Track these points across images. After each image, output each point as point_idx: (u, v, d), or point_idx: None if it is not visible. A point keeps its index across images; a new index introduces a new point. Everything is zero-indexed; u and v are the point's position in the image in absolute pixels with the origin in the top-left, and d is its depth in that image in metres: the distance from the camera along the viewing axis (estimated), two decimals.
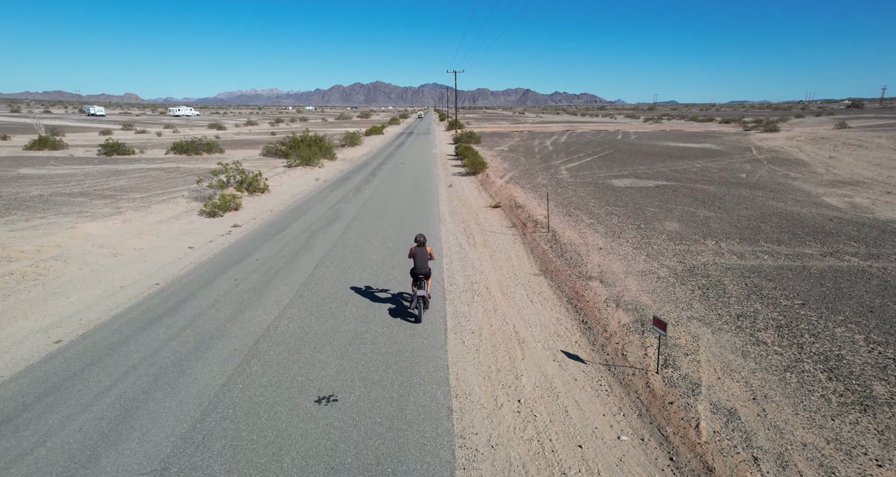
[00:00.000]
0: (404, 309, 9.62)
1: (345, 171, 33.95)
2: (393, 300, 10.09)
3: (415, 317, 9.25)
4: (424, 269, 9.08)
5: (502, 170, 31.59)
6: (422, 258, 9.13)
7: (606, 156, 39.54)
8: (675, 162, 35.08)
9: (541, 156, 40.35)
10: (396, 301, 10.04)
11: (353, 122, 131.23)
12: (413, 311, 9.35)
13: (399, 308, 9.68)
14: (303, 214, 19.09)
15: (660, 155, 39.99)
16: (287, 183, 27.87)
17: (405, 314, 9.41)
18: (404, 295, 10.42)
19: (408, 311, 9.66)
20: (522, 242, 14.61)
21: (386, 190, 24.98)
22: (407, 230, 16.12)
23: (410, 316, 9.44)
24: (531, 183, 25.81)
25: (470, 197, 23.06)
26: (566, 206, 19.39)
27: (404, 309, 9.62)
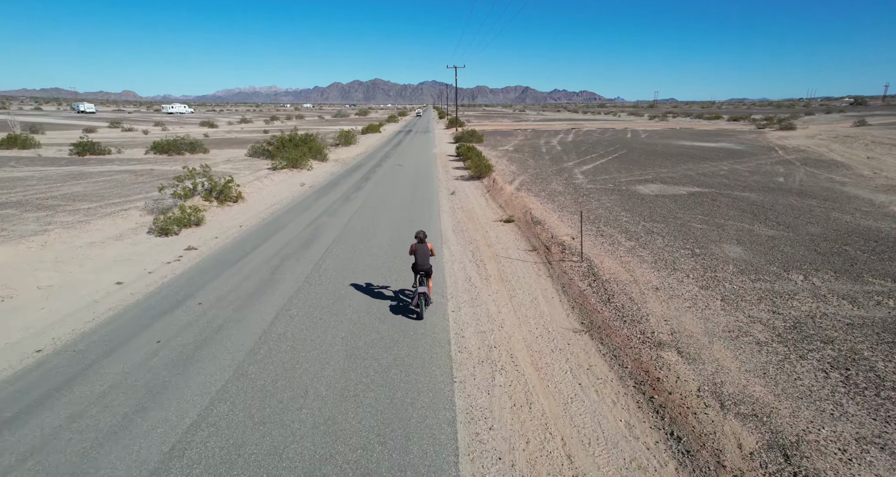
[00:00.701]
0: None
1: (335, 174, 30.66)
2: (395, 385, 6.82)
3: (417, 314, 9.23)
4: (426, 266, 9.11)
5: (510, 173, 28.32)
6: (423, 255, 9.12)
7: (622, 157, 36.27)
8: (699, 164, 31.83)
9: (550, 157, 37.06)
10: (399, 385, 6.78)
11: (350, 119, 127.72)
12: (415, 308, 9.39)
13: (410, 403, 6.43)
14: (276, 231, 15.81)
15: (679, 156, 36.74)
16: (267, 189, 24.57)
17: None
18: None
19: (409, 307, 9.60)
20: (549, 275, 11.36)
21: (379, 198, 21.70)
22: (402, 256, 12.89)
23: (412, 313, 9.35)
24: (546, 190, 22.53)
25: (476, 208, 19.79)
26: (594, 221, 16.12)
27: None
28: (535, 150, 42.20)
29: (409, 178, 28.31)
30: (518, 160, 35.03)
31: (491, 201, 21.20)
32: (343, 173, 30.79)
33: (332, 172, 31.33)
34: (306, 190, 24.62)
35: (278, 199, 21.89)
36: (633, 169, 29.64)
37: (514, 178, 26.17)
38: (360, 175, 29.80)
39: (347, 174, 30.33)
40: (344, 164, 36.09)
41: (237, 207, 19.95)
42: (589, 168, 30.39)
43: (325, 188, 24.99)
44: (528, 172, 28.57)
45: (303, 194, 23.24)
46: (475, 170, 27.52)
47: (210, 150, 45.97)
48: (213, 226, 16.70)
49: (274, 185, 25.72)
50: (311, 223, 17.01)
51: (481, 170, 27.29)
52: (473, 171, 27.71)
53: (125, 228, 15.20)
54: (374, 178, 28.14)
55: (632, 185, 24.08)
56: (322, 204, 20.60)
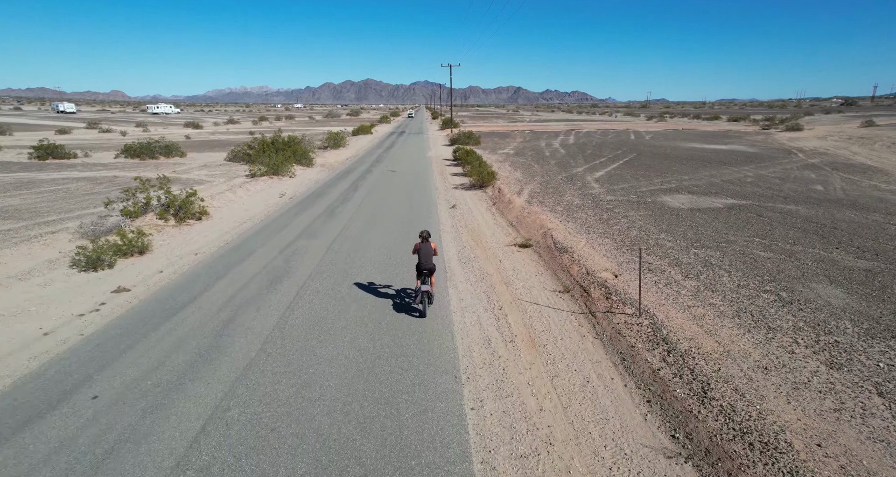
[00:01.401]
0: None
1: (321, 181, 27.46)
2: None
3: (419, 311, 9.25)
4: (429, 265, 9.04)
5: (515, 181, 25.32)
6: (426, 254, 9.11)
7: (633, 161, 33.41)
8: (719, 169, 29.04)
9: (556, 161, 34.11)
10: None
11: (341, 120, 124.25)
12: (417, 306, 9.41)
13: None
14: (240, 262, 12.64)
15: (694, 160, 33.97)
16: (240, 202, 21.34)
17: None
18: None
19: (412, 306, 9.58)
20: (597, 336, 8.33)
21: (369, 213, 18.58)
22: (400, 304, 9.83)
23: (415, 311, 9.37)
24: (561, 203, 19.53)
25: (483, 226, 16.73)
26: (631, 246, 13.13)
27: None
28: (537, 154, 39.25)
29: (403, 186, 25.20)
30: (522, 165, 32.03)
31: (499, 217, 18.14)
32: (329, 181, 27.60)
33: (317, 180, 28.13)
34: (285, 202, 21.42)
35: (251, 215, 18.68)
36: (650, 176, 26.75)
37: (522, 188, 23.15)
38: (348, 183, 26.63)
39: (334, 182, 27.15)
40: (331, 170, 32.89)
41: (199, 227, 16.72)
42: (602, 175, 27.46)
43: (308, 200, 21.79)
44: (536, 180, 25.56)
45: (281, 208, 20.04)
46: (477, 178, 24.46)
47: (188, 153, 42.61)
48: (161, 253, 13.47)
49: (249, 197, 22.49)
50: (284, 248, 13.84)
51: (484, 178, 24.25)
52: (475, 179, 24.66)
53: (41, 260, 11.95)
54: (364, 187, 24.99)
55: (656, 195, 21.16)
56: (302, 221, 17.43)
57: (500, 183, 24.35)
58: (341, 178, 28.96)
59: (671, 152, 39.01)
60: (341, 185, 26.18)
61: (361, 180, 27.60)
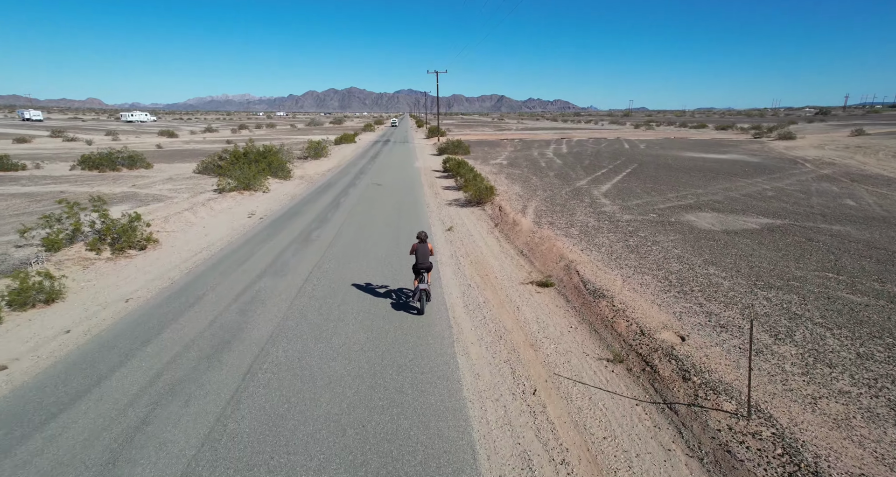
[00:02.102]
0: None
1: (298, 197, 24.46)
2: None
3: (417, 309, 9.62)
4: (426, 263, 9.45)
5: (516, 197, 22.69)
6: (423, 254, 9.50)
7: (637, 172, 31.14)
8: (732, 181, 26.88)
9: (554, 173, 31.65)
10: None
11: (324, 128, 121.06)
12: (415, 304, 9.81)
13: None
14: (180, 314, 9.64)
15: (699, 170, 31.87)
16: (200, 224, 18.25)
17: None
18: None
19: (410, 304, 9.94)
20: (691, 454, 5.59)
21: (351, 238, 15.70)
22: (398, 387, 7.00)
23: (413, 308, 9.71)
24: (574, 224, 16.91)
25: (488, 255, 13.98)
26: (681, 286, 10.51)
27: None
28: (532, 164, 36.82)
29: (391, 203, 22.36)
30: (519, 178, 29.48)
31: (505, 243, 15.41)
32: (308, 196, 24.61)
33: (293, 195, 25.11)
34: (254, 224, 18.39)
35: (210, 242, 15.62)
36: (661, 189, 24.40)
37: (526, 205, 20.51)
38: (328, 199, 23.68)
39: (313, 198, 24.17)
40: (311, 183, 29.90)
41: (141, 259, 13.62)
42: (608, 188, 25.02)
43: (281, 220, 18.80)
44: (539, 196, 22.97)
45: (248, 231, 17.02)
46: (474, 193, 21.75)
47: (155, 164, 39.23)
48: (79, 301, 10.38)
49: (212, 218, 19.39)
50: (243, 292, 10.88)
51: (482, 194, 21.56)
52: (472, 195, 21.94)
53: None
54: (347, 204, 22.08)
55: (678, 213, 18.71)
56: (270, 250, 14.45)
57: (499, 199, 21.69)
58: (321, 192, 26.00)
59: (673, 162, 36.96)
60: (321, 201, 23.22)
61: (344, 195, 24.68)
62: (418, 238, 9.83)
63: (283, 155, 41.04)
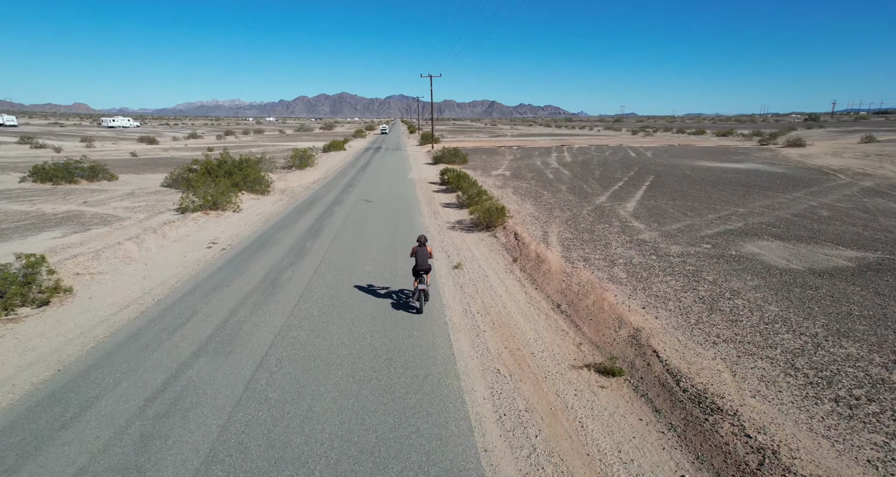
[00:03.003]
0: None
1: (274, 218, 20.81)
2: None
3: (416, 308, 10.04)
4: (425, 265, 9.93)
5: (530, 218, 19.26)
6: (422, 256, 9.95)
7: (657, 186, 27.89)
8: (769, 197, 23.70)
9: (566, 186, 28.31)
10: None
11: (314, 134, 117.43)
12: (415, 304, 10.26)
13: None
14: (53, 436, 6.06)
15: (726, 183, 28.72)
16: (143, 261, 14.53)
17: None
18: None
19: (409, 304, 10.39)
20: None
21: (331, 282, 12.11)
22: None
23: (412, 308, 10.18)
24: (615, 260, 13.45)
25: (514, 310, 10.47)
26: (828, 386, 7.06)
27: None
28: (538, 176, 33.48)
29: (382, 225, 18.78)
30: (528, 192, 26.08)
31: (532, 289, 11.89)
32: (285, 217, 20.95)
33: (269, 216, 21.44)
34: (211, 260, 14.71)
35: (143, 291, 11.93)
36: (697, 208, 21.11)
37: (545, 231, 17.06)
38: (308, 221, 20.04)
39: (291, 219, 20.52)
40: (292, 199, 26.24)
41: (32, 324, 9.89)
42: (634, 206, 21.68)
43: (247, 253, 15.14)
44: (557, 217, 19.54)
45: (199, 273, 13.34)
46: (482, 215, 18.25)
47: (122, 175, 35.39)
48: None
49: (160, 250, 15.67)
50: (165, 387, 7.28)
51: (491, 216, 18.07)
52: (479, 217, 18.44)
53: None
54: (330, 229, 18.47)
55: (733, 242, 15.36)
56: (221, 304, 10.82)
57: (513, 222, 18.23)
58: (302, 211, 22.36)
59: (691, 173, 33.82)
60: (300, 224, 19.58)
61: (327, 216, 21.06)
62: (418, 241, 10.34)
63: (264, 165, 37.38)
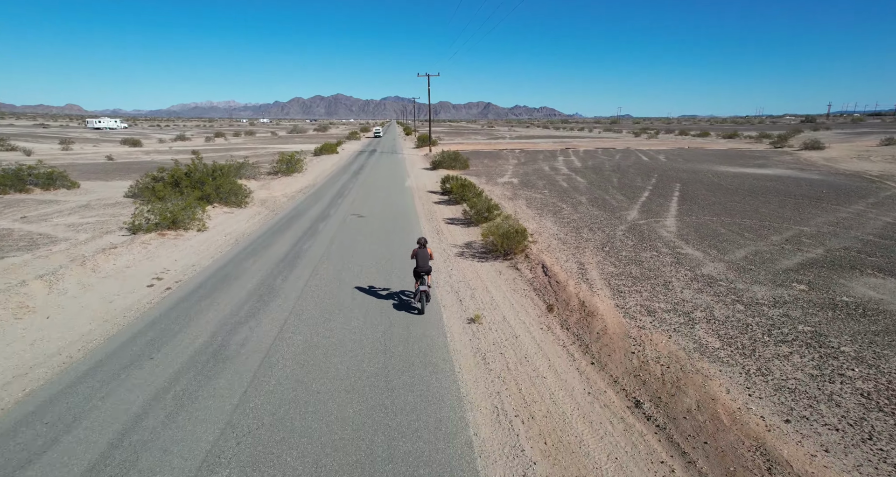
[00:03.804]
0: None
1: (244, 240, 17.19)
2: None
3: (418, 309, 10.13)
4: (426, 267, 10.00)
5: (556, 241, 15.76)
6: (423, 258, 10.01)
7: (690, 197, 24.48)
8: (827, 211, 20.34)
9: (586, 198, 24.84)
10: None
11: (307, 136, 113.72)
12: (416, 304, 10.36)
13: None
14: None
15: (765, 193, 25.36)
16: (53, 306, 10.86)
17: None
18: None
19: (411, 305, 10.46)
20: None
21: (299, 352, 8.55)
22: None
23: (414, 309, 10.26)
24: (694, 314, 9.94)
25: (567, 406, 6.94)
26: None
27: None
28: (550, 184, 30.01)
29: (375, 253, 15.19)
30: (544, 205, 22.58)
31: (589, 367, 8.33)
32: (258, 239, 17.32)
33: (240, 237, 17.83)
34: (147, 306, 11.09)
35: (19, 371, 8.32)
36: (749, 225, 17.68)
37: (579, 260, 13.54)
38: (285, 245, 16.42)
39: (264, 242, 16.89)
40: (271, 213, 22.62)
41: None
42: (675, 224, 18.23)
43: (194, 298, 11.52)
44: (588, 239, 16.03)
45: (120, 332, 9.70)
46: (500, 240, 14.67)
47: (87, 183, 31.73)
48: None
49: (82, 291, 12.01)
50: None
51: (510, 241, 14.52)
52: (495, 241, 14.87)
53: None
54: (309, 257, 14.86)
55: (832, 280, 11.90)
56: (131, 397, 7.24)
57: (537, 247, 14.70)
58: (281, 230, 18.76)
59: (719, 180, 30.46)
60: (275, 248, 15.97)
61: (310, 238, 17.47)
62: (418, 243, 10.38)
63: (246, 171, 33.73)
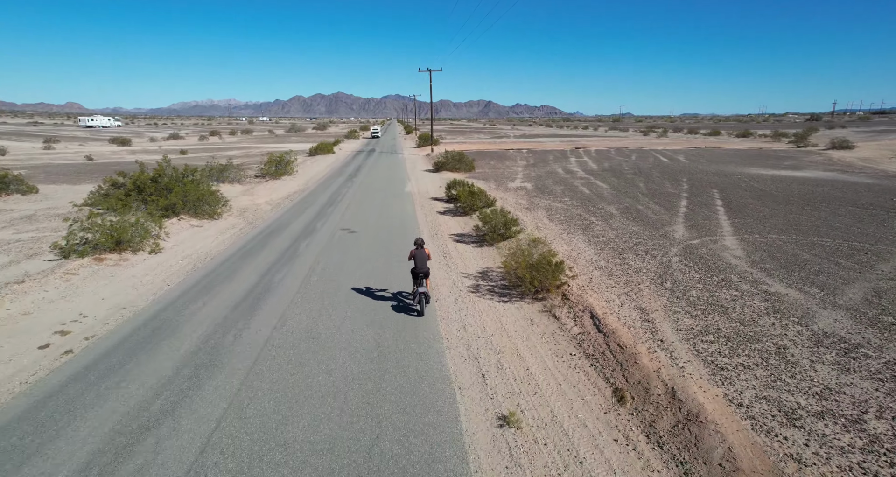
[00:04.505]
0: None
1: (203, 266, 13.69)
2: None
3: (417, 311, 9.92)
4: (424, 268, 9.72)
5: (597, 272, 12.28)
6: (421, 259, 9.71)
7: (737, 208, 20.97)
8: None
9: (616, 207, 21.33)
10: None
11: (305, 135, 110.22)
12: (416, 306, 10.06)
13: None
14: None
15: (823, 201, 21.82)
16: None
17: None
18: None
19: (410, 307, 10.23)
20: None
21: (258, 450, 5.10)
22: None
23: (413, 310, 10.05)
24: (866, 422, 6.53)
25: None
26: None
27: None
28: (570, 190, 26.50)
29: (364, 288, 11.67)
30: (568, 217, 19.10)
31: None
32: (221, 265, 13.80)
33: (198, 261, 14.32)
34: (29, 380, 7.62)
35: None
36: (842, 249, 14.18)
37: (637, 304, 10.07)
38: (254, 274, 12.88)
39: (229, 269, 13.37)
40: (248, 226, 19.17)
41: None
42: (741, 247, 14.71)
43: (100, 370, 8.01)
44: (637, 268, 12.52)
45: None
46: (529, 276, 11.13)
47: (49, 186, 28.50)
48: None
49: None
50: None
51: (542, 274, 11.01)
52: (524, 276, 11.35)
53: None
54: (278, 295, 11.34)
55: None
56: None
57: (577, 283, 11.21)
58: (252, 251, 15.27)
59: (761, 186, 26.91)
60: (238, 282, 12.46)
61: (287, 263, 13.97)
62: (416, 244, 10.03)
63: (230, 174, 30.30)
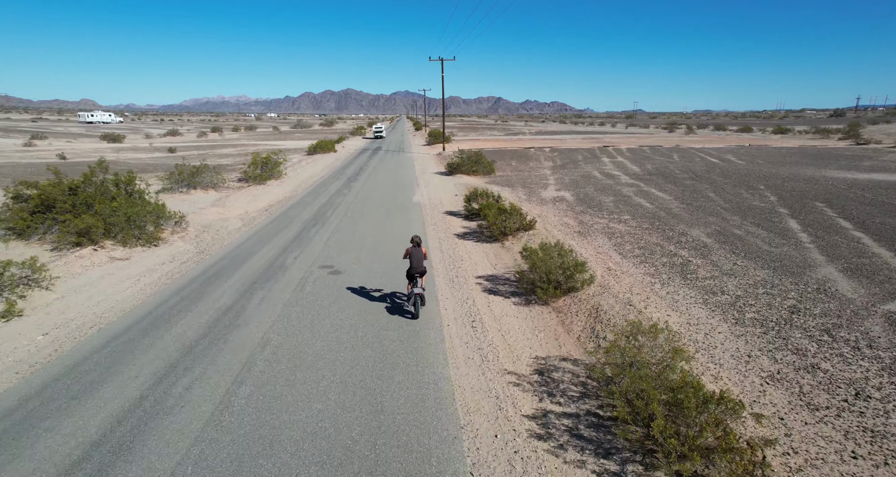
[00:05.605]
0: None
1: (88, 339, 7.91)
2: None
3: (411, 313, 9.46)
4: (420, 268, 9.33)
5: (760, 381, 6.57)
6: (417, 258, 9.35)
7: (876, 231, 14.99)
8: None
9: (707, 232, 15.44)
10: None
11: (311, 131, 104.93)
12: (410, 308, 9.71)
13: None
14: None
15: None
16: None
17: None
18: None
19: (404, 309, 9.76)
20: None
21: None
22: None
23: (407, 313, 9.55)
24: None
25: None
26: None
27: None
28: (625, 203, 20.61)
29: (354, 382, 6.07)
30: (649, 252, 13.27)
31: None
32: (119, 335, 8.09)
33: (80, 334, 8.60)
34: None
35: None
36: None
37: None
38: (161, 360, 7.22)
39: (119, 357, 7.71)
40: (196, 257, 13.56)
41: None
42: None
43: None
44: (829, 378, 6.79)
45: None
46: (665, 428, 5.47)
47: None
48: None
49: None
50: None
51: (693, 422, 5.31)
52: (655, 415, 5.66)
53: None
54: (162, 437, 5.75)
55: None
56: None
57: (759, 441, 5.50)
58: (179, 311, 9.63)
59: (873, 196, 20.77)
60: (129, 374, 6.83)
61: (216, 343, 8.31)
62: (412, 242, 9.72)
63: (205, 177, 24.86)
